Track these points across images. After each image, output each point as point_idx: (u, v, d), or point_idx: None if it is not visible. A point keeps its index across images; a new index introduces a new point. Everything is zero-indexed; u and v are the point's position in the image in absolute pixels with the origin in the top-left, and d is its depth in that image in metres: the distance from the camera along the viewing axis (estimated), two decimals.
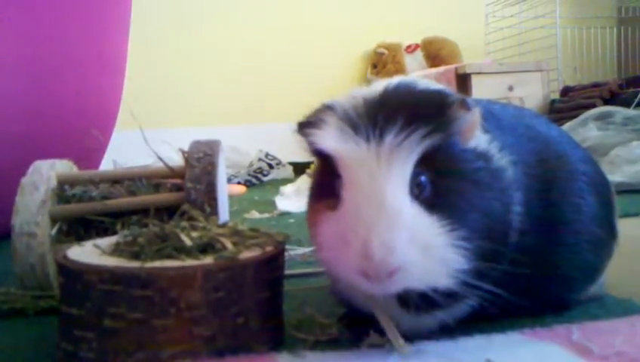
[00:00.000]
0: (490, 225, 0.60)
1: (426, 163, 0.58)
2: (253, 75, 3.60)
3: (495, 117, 0.71)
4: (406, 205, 0.56)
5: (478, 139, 0.63)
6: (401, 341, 0.60)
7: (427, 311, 0.61)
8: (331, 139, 0.59)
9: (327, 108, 0.62)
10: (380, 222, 0.55)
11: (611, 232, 0.77)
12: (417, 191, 0.58)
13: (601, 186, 0.76)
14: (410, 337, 0.63)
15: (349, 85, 3.71)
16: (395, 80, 0.64)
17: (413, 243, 0.55)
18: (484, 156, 0.63)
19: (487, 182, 0.61)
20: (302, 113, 0.65)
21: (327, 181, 0.62)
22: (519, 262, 0.66)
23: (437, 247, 0.56)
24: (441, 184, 0.59)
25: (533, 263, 0.68)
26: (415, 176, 0.58)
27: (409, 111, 0.58)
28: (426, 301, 0.59)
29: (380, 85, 0.63)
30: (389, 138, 0.56)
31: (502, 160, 0.64)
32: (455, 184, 0.59)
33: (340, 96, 0.64)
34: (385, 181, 0.56)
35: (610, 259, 0.78)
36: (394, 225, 0.55)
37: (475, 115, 0.61)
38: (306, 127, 0.63)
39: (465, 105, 0.59)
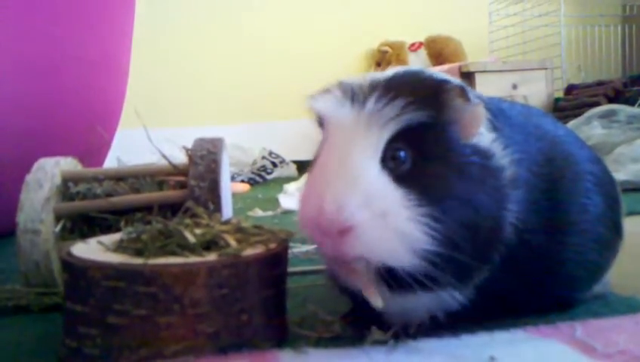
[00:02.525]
0: (473, 218, 0.59)
1: (412, 140, 0.58)
2: (257, 73, 3.60)
3: (505, 114, 0.71)
4: (370, 170, 0.57)
5: (481, 136, 0.63)
6: (377, 298, 0.59)
7: (406, 292, 0.59)
8: (323, 101, 0.61)
9: (339, 82, 0.64)
10: (337, 180, 0.56)
11: (617, 232, 0.76)
12: (392, 164, 0.58)
13: (608, 186, 0.76)
14: (414, 335, 0.63)
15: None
16: (405, 67, 0.66)
17: (367, 207, 0.55)
18: (483, 154, 0.62)
19: (478, 177, 0.61)
20: (305, 112, 0.67)
21: (322, 144, 0.64)
22: (522, 260, 0.66)
23: (395, 218, 0.56)
24: (423, 165, 0.59)
25: (538, 262, 0.68)
26: (394, 149, 0.58)
27: (399, 89, 0.59)
28: (402, 280, 0.58)
29: (391, 70, 0.65)
30: (370, 104, 0.58)
31: (503, 159, 0.64)
32: (438, 169, 0.59)
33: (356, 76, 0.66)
34: (356, 144, 0.57)
35: (616, 258, 0.78)
36: (350, 185, 0.56)
37: (477, 109, 0.61)
38: (313, 97, 0.65)
39: (463, 94, 0.59)
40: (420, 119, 0.58)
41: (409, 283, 0.58)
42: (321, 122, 0.65)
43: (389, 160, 0.58)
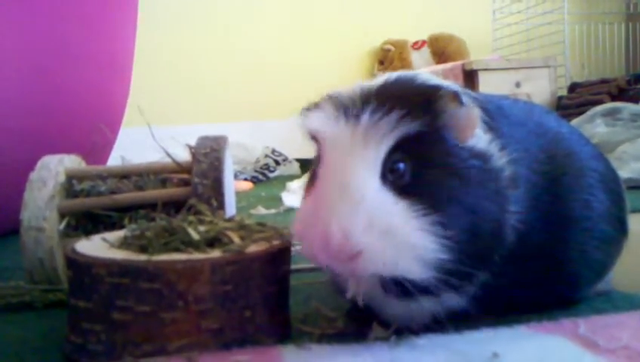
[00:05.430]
0: (476, 223, 0.59)
1: (409, 150, 0.58)
2: (260, 71, 3.60)
3: (504, 112, 0.71)
4: (371, 189, 0.56)
5: (478, 138, 0.62)
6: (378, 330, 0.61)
7: (410, 298, 0.60)
8: (317, 119, 0.60)
9: (329, 96, 0.63)
10: (341, 205, 0.55)
11: (622, 229, 0.76)
12: (392, 177, 0.57)
13: (612, 183, 0.75)
14: (416, 331, 0.63)
15: (355, 81, 3.71)
16: (396, 74, 0.65)
17: (373, 228, 0.55)
18: (481, 156, 0.61)
19: (478, 181, 0.60)
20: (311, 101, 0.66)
21: (317, 161, 0.63)
22: (525, 258, 0.66)
23: (401, 233, 0.55)
24: (423, 174, 0.58)
25: (540, 260, 0.68)
26: (392, 162, 0.57)
27: (392, 99, 0.58)
28: (406, 288, 0.58)
29: (382, 78, 0.64)
30: (364, 120, 0.57)
31: (501, 159, 0.63)
32: (437, 175, 0.58)
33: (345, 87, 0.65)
34: (353, 162, 0.56)
35: (619, 256, 0.77)
36: (354, 208, 0.55)
37: (471, 112, 0.60)
38: (305, 111, 0.64)
39: (456, 99, 0.58)
40: (415, 129, 0.57)
41: (415, 290, 0.58)
42: (314, 137, 0.63)
43: (388, 173, 0.57)
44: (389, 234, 0.55)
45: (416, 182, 0.58)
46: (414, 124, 0.57)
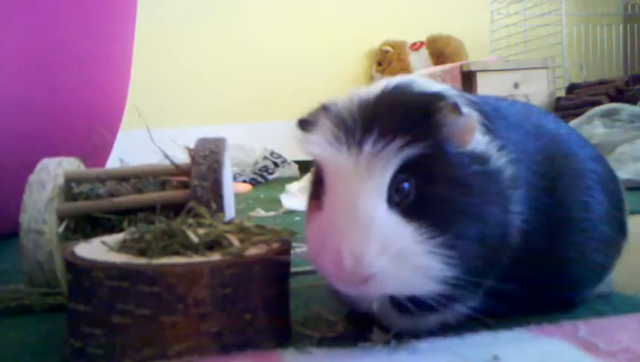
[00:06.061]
0: (483, 230, 0.59)
1: (412, 169, 0.58)
2: (258, 73, 3.60)
3: (501, 114, 0.71)
4: (380, 214, 0.56)
5: (476, 141, 0.62)
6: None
7: (421, 314, 0.61)
8: (318, 144, 0.60)
9: (324, 109, 0.63)
10: (351, 231, 0.56)
11: (621, 230, 0.76)
12: (398, 199, 0.57)
13: (611, 184, 0.75)
14: (416, 334, 0.63)
15: (354, 83, 3.73)
16: (394, 81, 0.64)
17: (384, 253, 0.55)
18: (480, 159, 0.62)
19: (480, 186, 0.60)
20: (306, 112, 0.66)
21: (319, 181, 0.63)
22: (525, 261, 0.65)
23: (412, 255, 0.56)
24: (427, 190, 0.58)
25: (540, 262, 0.68)
26: (397, 183, 0.57)
27: (392, 120, 0.58)
28: (417, 304, 0.59)
29: (378, 86, 0.63)
30: (367, 148, 0.57)
31: (500, 159, 0.63)
32: (442, 190, 0.58)
33: (339, 96, 0.64)
34: (360, 190, 0.57)
35: (619, 258, 0.77)
36: (364, 235, 0.55)
37: (470, 120, 0.60)
38: (302, 126, 0.64)
39: (456, 110, 0.58)
40: (418, 151, 0.57)
41: (425, 306, 0.59)
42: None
43: (393, 194, 0.57)
44: (399, 257, 0.56)
45: (422, 199, 0.58)
46: (416, 147, 0.57)
